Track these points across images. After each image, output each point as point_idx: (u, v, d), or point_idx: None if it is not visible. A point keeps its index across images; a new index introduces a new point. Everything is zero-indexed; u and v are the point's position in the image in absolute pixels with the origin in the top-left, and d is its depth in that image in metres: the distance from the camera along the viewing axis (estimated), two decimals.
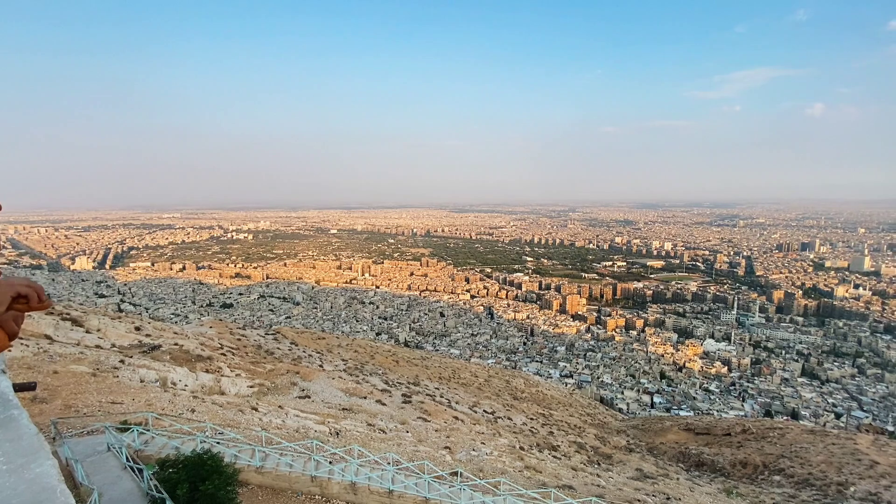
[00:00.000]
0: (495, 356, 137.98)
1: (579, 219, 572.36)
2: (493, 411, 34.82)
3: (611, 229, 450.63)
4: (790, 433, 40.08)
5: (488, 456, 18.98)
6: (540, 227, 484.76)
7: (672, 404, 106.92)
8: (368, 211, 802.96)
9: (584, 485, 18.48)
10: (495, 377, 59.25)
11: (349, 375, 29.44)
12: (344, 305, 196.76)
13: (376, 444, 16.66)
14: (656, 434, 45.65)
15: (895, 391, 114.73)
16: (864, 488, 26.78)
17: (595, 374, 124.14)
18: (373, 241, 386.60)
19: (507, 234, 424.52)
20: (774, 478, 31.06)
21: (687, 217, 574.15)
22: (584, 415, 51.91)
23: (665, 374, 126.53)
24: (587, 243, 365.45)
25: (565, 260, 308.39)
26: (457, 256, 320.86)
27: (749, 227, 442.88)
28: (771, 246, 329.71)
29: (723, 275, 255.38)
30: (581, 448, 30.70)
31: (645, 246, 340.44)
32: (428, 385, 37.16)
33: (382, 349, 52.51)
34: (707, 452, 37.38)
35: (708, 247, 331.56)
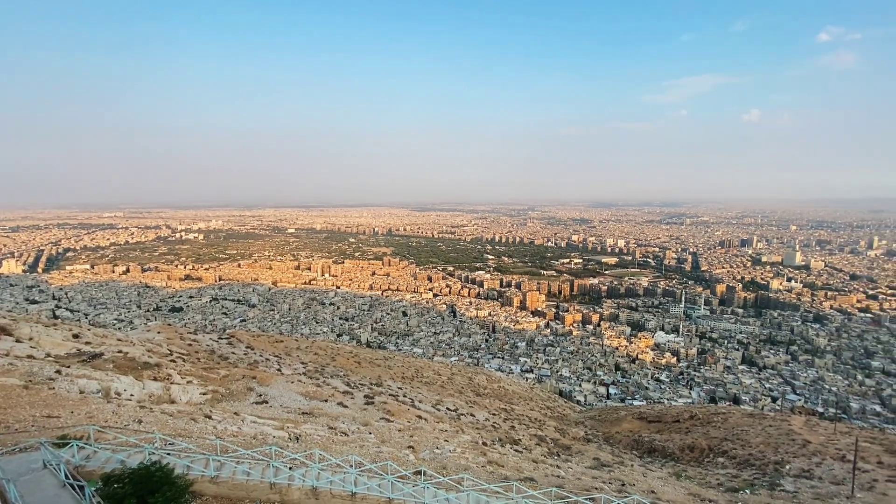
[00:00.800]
0: (458, 354, 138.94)
1: (538, 217, 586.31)
2: (456, 409, 35.06)
3: (568, 228, 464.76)
4: (732, 417, 42.93)
5: (452, 453, 19.12)
6: (501, 225, 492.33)
7: (626, 395, 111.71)
8: (328, 209, 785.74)
9: (545, 476, 18.99)
10: (458, 375, 59.68)
11: (309, 379, 28.75)
12: (303, 307, 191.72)
13: (338, 447, 16.39)
14: (612, 424, 47.60)
15: (824, 375, 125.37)
16: (797, 466, 29.12)
17: (554, 368, 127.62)
18: (333, 241, 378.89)
19: (469, 233, 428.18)
20: (719, 459, 33.18)
21: (639, 216, 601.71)
22: (544, 408, 53.28)
23: (620, 366, 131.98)
24: (546, 241, 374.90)
25: (525, 258, 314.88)
26: (419, 255, 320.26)
27: (695, 225, 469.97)
28: (714, 242, 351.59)
29: (671, 270, 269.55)
30: (542, 441, 31.51)
31: (600, 243, 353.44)
32: (391, 385, 36.92)
33: (344, 351, 51.62)
34: (658, 439, 39.38)
35: (658, 244, 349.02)
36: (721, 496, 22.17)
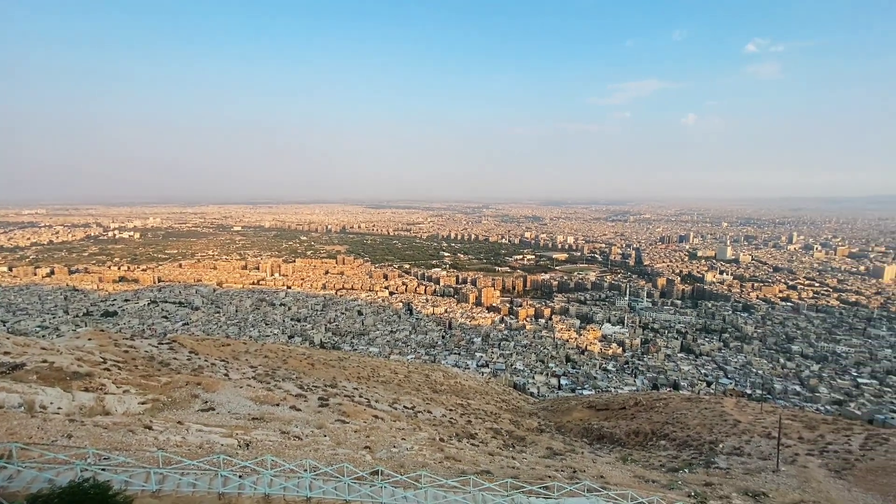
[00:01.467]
0: (415, 351, 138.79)
1: (492, 215, 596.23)
2: (413, 406, 35.04)
3: (521, 225, 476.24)
4: (672, 402, 45.86)
5: (409, 451, 19.11)
6: (456, 223, 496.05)
7: (577, 385, 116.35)
8: (277, 206, 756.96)
9: (501, 468, 19.43)
10: (415, 372, 59.64)
11: (259, 383, 27.67)
12: (251, 308, 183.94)
13: (291, 451, 15.92)
14: (563, 413, 49.44)
15: (752, 360, 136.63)
16: (730, 444, 31.61)
17: (509, 362, 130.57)
18: (283, 239, 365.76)
19: (425, 230, 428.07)
20: (661, 442, 35.37)
21: (587, 213, 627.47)
22: (499, 401, 54.40)
23: (570, 358, 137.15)
24: (500, 238, 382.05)
25: (480, 254, 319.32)
26: (374, 253, 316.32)
27: (638, 223, 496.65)
28: (655, 239, 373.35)
29: (617, 265, 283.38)
30: (497, 433, 32.19)
31: (551, 240, 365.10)
32: (346, 386, 36.28)
33: (296, 352, 50.07)
34: (607, 426, 41.38)
35: (604, 240, 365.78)
36: (663, 476, 23.65)
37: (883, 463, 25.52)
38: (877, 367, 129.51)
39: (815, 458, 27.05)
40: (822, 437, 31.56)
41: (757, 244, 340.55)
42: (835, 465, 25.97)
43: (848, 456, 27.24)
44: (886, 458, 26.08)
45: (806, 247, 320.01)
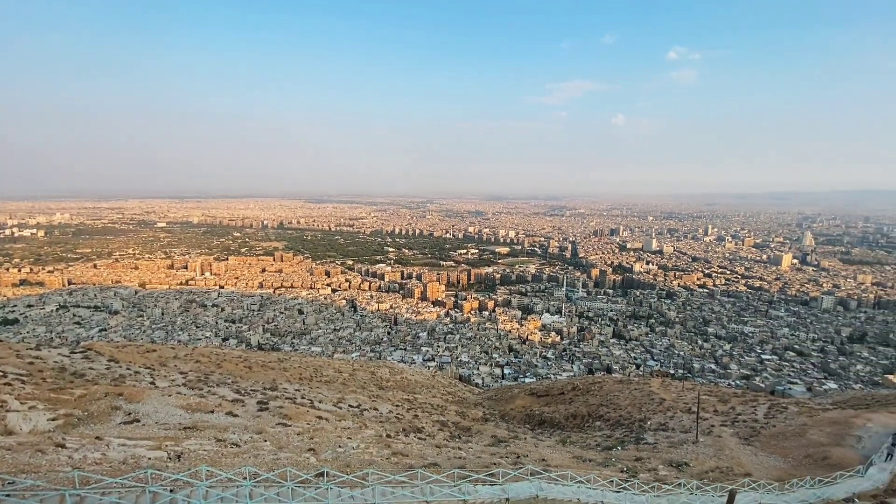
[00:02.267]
0: (360, 349, 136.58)
1: (437, 210, 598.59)
2: (358, 405, 34.52)
3: (465, 220, 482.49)
4: (606, 385, 48.88)
5: (355, 450, 18.83)
6: (400, 217, 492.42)
7: (519, 373, 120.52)
8: (207, 201, 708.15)
9: (448, 459, 19.71)
10: (360, 370, 58.71)
11: (190, 390, 25.89)
12: (180, 311, 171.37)
13: (229, 459, 15.09)
14: (507, 402, 51.05)
15: (674, 343, 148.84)
16: (656, 421, 34.29)
17: (454, 355, 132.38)
18: (214, 235, 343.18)
19: (369, 225, 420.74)
20: (597, 423, 37.63)
21: (527, 208, 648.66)
22: (445, 394, 55.05)
23: (513, 348, 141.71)
24: (445, 233, 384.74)
25: (425, 249, 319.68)
26: (315, 249, 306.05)
27: (573, 217, 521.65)
28: (589, 232, 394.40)
29: (555, 257, 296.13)
30: (444, 426, 32.58)
31: (494, 234, 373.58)
32: (287, 388, 34.95)
33: (231, 356, 47.38)
34: (547, 411, 43.29)
35: (543, 234, 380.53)
36: (599, 455, 25.21)
37: (782, 429, 28.94)
38: (777, 344, 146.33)
39: (728, 428, 30.10)
40: (733, 409, 35.16)
41: (678, 236, 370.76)
42: (744, 433, 29.06)
43: (754, 424, 30.60)
44: (785, 425, 29.61)
45: (719, 238, 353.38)
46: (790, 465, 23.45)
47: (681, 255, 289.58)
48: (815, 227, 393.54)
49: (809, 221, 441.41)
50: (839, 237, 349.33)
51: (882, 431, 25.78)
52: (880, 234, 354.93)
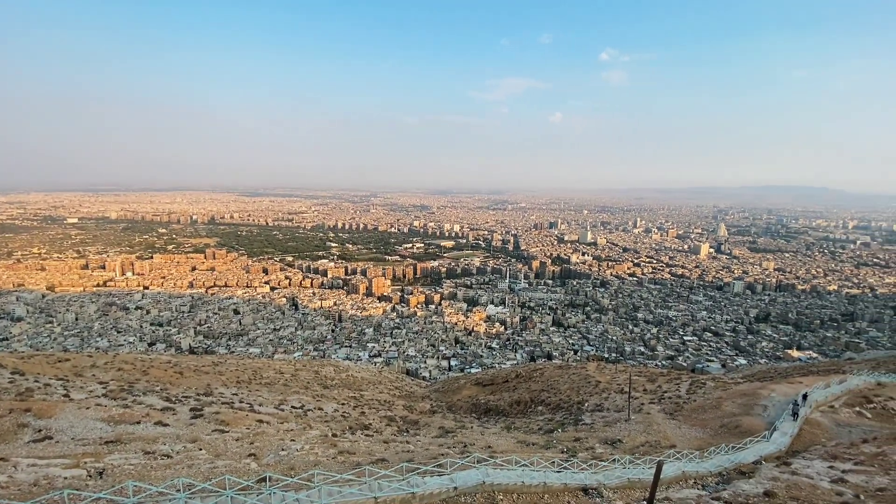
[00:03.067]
0: (302, 348, 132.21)
1: (381, 204, 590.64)
2: (302, 405, 33.47)
3: (410, 214, 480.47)
4: (547, 371, 51.07)
5: (300, 451, 18.29)
6: (343, 212, 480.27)
7: (465, 364, 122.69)
8: (126, 194, 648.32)
9: (396, 454, 19.70)
10: (303, 370, 56.88)
11: (112, 400, 23.75)
12: (97, 315, 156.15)
13: (160, 472, 14.07)
14: (454, 393, 51.83)
15: (608, 328, 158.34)
16: (593, 402, 36.39)
17: (401, 350, 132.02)
18: (135, 232, 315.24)
19: (310, 220, 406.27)
20: (539, 408, 39.27)
21: (471, 202, 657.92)
22: (393, 389, 54.84)
23: (459, 340, 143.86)
24: (390, 227, 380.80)
25: (370, 244, 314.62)
26: (251, 245, 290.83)
27: (515, 211, 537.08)
28: (530, 225, 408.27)
29: (498, 250, 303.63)
30: (392, 420, 32.47)
31: (439, 228, 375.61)
32: (224, 393, 33.11)
33: (160, 361, 43.97)
34: (492, 399, 44.50)
35: (487, 227, 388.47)
36: (541, 438, 26.35)
37: (701, 402, 31.86)
38: (696, 326, 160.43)
39: (656, 405, 32.63)
40: (660, 388, 38.15)
41: (610, 228, 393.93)
42: (669, 408, 31.65)
43: (678, 400, 33.42)
44: (704, 399, 32.62)
45: (646, 230, 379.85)
46: (709, 434, 25.91)
47: (613, 247, 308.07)
48: (728, 220, 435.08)
49: (723, 214, 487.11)
50: (747, 228, 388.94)
51: (783, 400, 29.21)
52: (780, 225, 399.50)
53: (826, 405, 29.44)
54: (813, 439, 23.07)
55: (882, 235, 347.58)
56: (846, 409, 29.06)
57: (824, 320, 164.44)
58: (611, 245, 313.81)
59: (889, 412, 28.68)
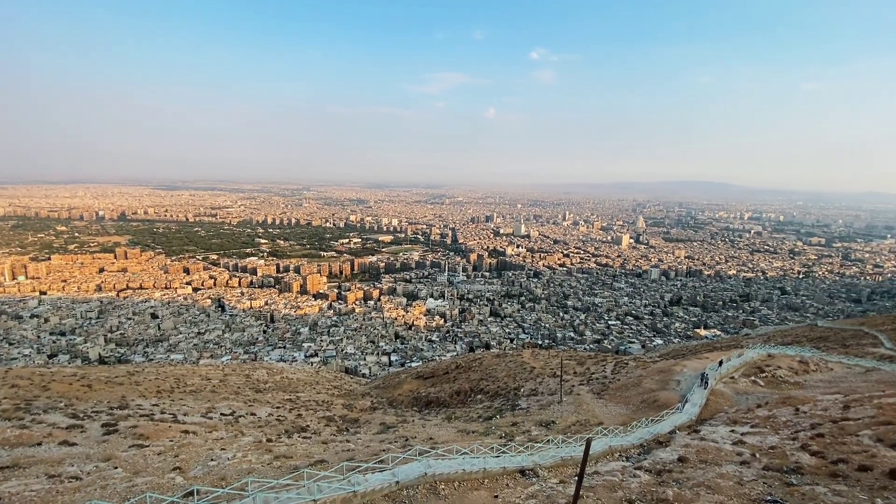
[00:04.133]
0: (231, 352, 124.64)
1: (314, 198, 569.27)
2: (232, 412, 31.63)
3: (345, 208, 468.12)
4: (485, 361, 52.53)
5: (231, 460, 17.31)
6: (273, 206, 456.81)
7: (406, 359, 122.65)
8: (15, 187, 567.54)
9: (336, 454, 19.29)
10: (233, 374, 53.71)
11: (6, 421, 20.89)
12: None
13: (67, 497, 12.64)
14: (395, 388, 51.68)
15: (541, 317, 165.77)
16: (528, 387, 38.03)
17: (339, 348, 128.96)
18: (28, 230, 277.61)
19: (236, 215, 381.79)
20: (478, 396, 40.32)
21: (408, 196, 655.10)
22: (331, 388, 53.51)
23: (399, 335, 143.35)
24: (324, 222, 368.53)
25: (303, 240, 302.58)
26: (170, 243, 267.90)
27: (453, 205, 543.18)
28: (467, 219, 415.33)
29: (437, 244, 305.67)
30: (331, 421, 31.70)
31: (376, 223, 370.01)
32: (142, 404, 30.38)
33: (63, 374, 39.27)
34: (433, 392, 44.97)
35: (425, 221, 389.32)
36: (481, 426, 27.12)
37: (625, 381, 34.49)
38: (619, 311, 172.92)
39: (585, 387, 34.83)
40: (588, 370, 40.75)
41: (542, 221, 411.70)
42: (597, 389, 33.93)
43: (604, 380, 35.92)
44: (626, 378, 35.34)
45: (574, 223, 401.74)
46: (631, 410, 28.16)
47: (545, 239, 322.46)
48: (646, 213, 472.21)
49: (641, 207, 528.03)
50: (662, 220, 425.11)
51: (693, 374, 32.46)
52: (690, 217, 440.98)
53: (727, 377, 33.16)
54: (717, 407, 25.92)
55: (771, 225, 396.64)
56: (744, 379, 32.95)
57: (726, 301, 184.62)
58: (543, 237, 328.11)
59: (778, 379, 32.95)
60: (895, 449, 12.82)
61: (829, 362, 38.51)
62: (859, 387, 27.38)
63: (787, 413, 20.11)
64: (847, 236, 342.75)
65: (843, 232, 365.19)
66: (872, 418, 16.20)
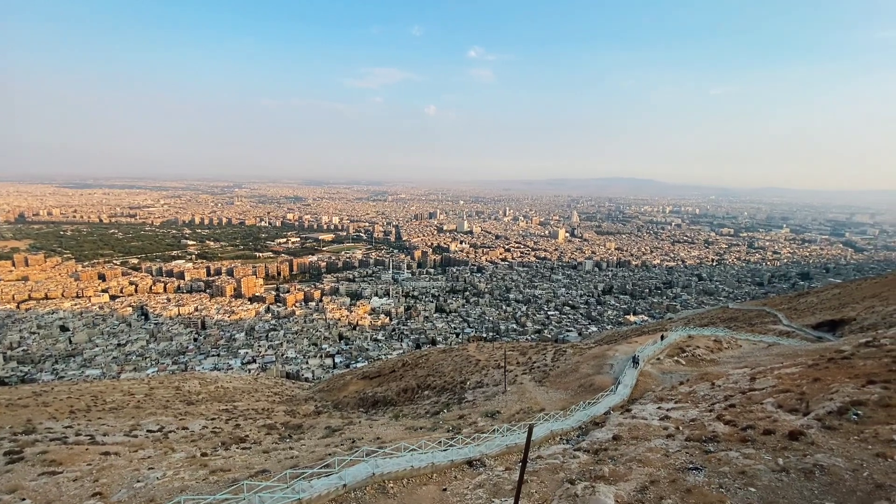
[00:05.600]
0: (158, 363, 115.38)
1: (247, 195, 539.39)
2: (161, 427, 29.32)
3: (282, 206, 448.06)
4: (432, 356, 52.82)
5: (161, 479, 16.06)
6: (202, 205, 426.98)
7: (351, 359, 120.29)
8: None
9: (279, 462, 18.55)
10: (160, 387, 49.73)
11: None
12: None
13: None
14: (340, 390, 50.54)
15: (485, 310, 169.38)
16: (474, 380, 38.76)
17: (279, 352, 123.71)
18: None
19: (159, 215, 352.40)
20: (426, 392, 40.48)
21: (349, 193, 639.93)
22: (271, 395, 51.26)
23: (343, 335, 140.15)
24: (259, 221, 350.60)
25: (236, 240, 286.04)
26: (81, 248, 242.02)
27: (396, 202, 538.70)
28: (411, 216, 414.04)
29: (381, 242, 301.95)
30: (272, 429, 30.39)
31: (316, 221, 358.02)
32: (52, 427, 27.27)
33: None
34: (380, 391, 44.52)
35: (368, 219, 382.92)
36: (428, 422, 27.26)
37: (564, 368, 36.21)
38: (557, 301, 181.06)
39: (528, 376, 36.14)
40: (530, 359, 42.31)
41: (484, 218, 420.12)
42: (538, 377, 35.33)
43: (545, 368, 37.48)
44: (565, 365, 37.11)
45: (514, 218, 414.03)
46: (570, 395, 29.66)
47: (487, 234, 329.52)
48: (580, 208, 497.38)
49: (575, 203, 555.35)
50: (594, 214, 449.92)
51: (625, 357, 34.78)
52: (619, 211, 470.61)
53: (654, 358, 35.89)
54: (646, 387, 28.00)
55: (689, 218, 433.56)
56: (668, 360, 35.83)
57: (651, 289, 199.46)
58: (485, 233, 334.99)
59: (697, 358, 36.18)
60: (793, 413, 14.60)
61: (738, 340, 42.91)
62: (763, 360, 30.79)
63: (705, 388, 22.17)
64: (751, 227, 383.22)
65: (748, 223, 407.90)
66: (774, 387, 18.31)
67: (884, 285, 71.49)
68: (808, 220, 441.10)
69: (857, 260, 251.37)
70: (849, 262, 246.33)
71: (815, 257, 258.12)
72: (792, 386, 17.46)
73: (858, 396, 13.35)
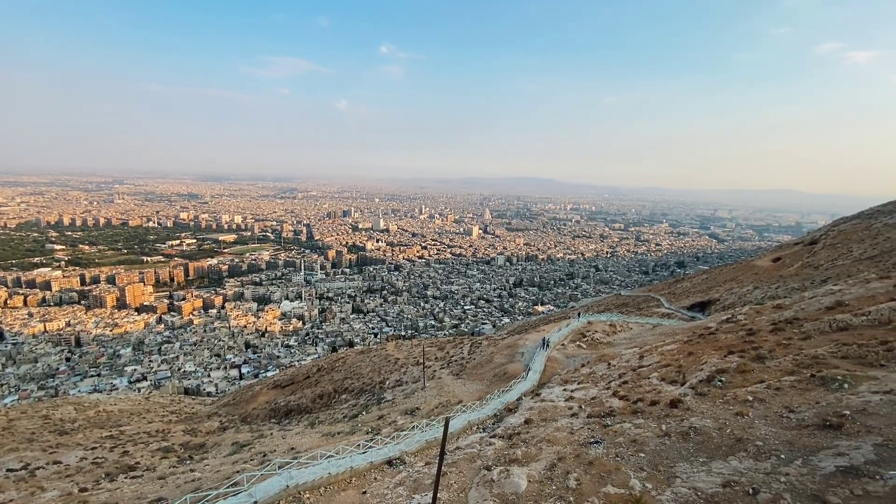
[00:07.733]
0: (18, 390, 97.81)
1: (130, 193, 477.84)
2: (25, 465, 24.98)
3: (174, 204, 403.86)
4: (349, 359, 51.48)
5: None
6: (72, 203, 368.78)
7: (260, 369, 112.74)
8: None
9: (177, 487, 16.83)
10: (22, 418, 42.18)
11: None
12: None
13: None
14: (248, 402, 47.15)
15: (403, 309, 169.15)
16: (394, 379, 38.54)
17: (175, 367, 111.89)
18: None
19: (14, 215, 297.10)
20: (343, 396, 39.35)
21: (253, 190, 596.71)
22: (166, 415, 46.22)
23: (250, 343, 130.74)
24: (146, 221, 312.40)
25: (118, 243, 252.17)
26: None
27: (306, 199, 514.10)
28: (323, 214, 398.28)
29: (290, 242, 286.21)
30: (168, 452, 27.42)
31: (215, 220, 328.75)
32: None
33: None
34: (293, 399, 42.35)
35: (275, 218, 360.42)
36: (346, 426, 26.57)
37: (479, 360, 37.54)
38: (473, 296, 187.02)
39: (446, 370, 36.86)
40: (448, 354, 43.19)
41: (400, 215, 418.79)
42: (456, 370, 36.22)
43: (462, 361, 38.53)
44: (481, 356, 38.51)
45: (430, 216, 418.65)
46: (486, 385, 30.86)
47: (403, 232, 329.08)
48: (491, 206, 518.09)
49: (487, 201, 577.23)
50: (505, 212, 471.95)
51: (534, 345, 37.06)
52: (526, 209, 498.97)
53: (559, 344, 38.74)
54: (553, 371, 30.12)
55: (587, 214, 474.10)
56: (571, 345, 38.90)
57: (556, 280, 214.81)
58: (401, 231, 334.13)
59: (595, 342, 39.74)
60: (673, 384, 16.72)
61: (629, 323, 47.99)
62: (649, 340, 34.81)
63: (602, 368, 24.47)
64: (638, 222, 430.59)
65: (635, 219, 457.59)
66: (658, 363, 20.80)
67: (739, 270, 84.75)
68: (683, 215, 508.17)
69: (719, 249, 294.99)
70: (713, 251, 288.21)
71: (688, 248, 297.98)
72: (672, 361, 19.94)
73: (722, 366, 15.68)
